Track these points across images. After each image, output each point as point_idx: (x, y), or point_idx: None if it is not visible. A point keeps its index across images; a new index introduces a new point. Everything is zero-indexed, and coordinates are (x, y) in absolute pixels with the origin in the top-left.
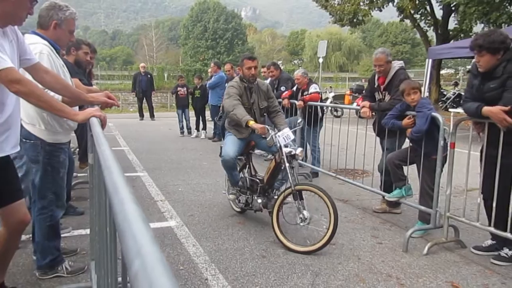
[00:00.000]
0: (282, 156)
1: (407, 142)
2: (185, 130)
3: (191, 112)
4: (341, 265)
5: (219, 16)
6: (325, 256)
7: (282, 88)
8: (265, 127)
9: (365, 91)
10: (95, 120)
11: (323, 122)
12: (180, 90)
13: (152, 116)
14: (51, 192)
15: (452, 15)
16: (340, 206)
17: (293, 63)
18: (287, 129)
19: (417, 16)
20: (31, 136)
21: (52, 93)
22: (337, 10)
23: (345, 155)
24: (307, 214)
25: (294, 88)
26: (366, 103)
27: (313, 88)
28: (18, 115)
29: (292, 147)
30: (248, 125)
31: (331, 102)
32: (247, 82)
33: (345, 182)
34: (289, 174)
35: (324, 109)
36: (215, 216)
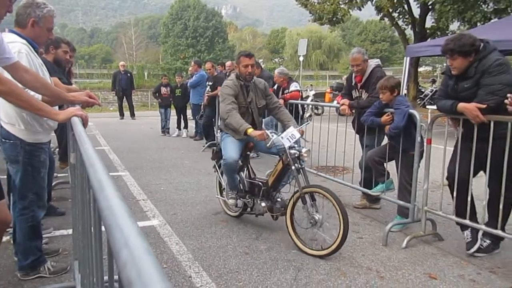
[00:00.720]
0: (289, 159)
1: (387, 139)
2: (166, 129)
3: (172, 111)
4: (323, 260)
5: (199, 14)
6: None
7: None
8: (264, 133)
9: (344, 89)
10: (77, 120)
11: (304, 120)
12: (164, 90)
13: (133, 115)
14: (32, 193)
15: (429, 14)
16: (321, 203)
17: (274, 62)
18: (292, 128)
19: (395, 15)
20: (11, 136)
21: (32, 92)
22: (317, 9)
23: (326, 153)
24: (318, 217)
25: (275, 87)
26: (346, 101)
27: (294, 86)
28: None
29: (297, 148)
30: (247, 134)
31: (312, 100)
32: (244, 81)
33: (326, 179)
34: (296, 177)
35: (305, 107)
36: (198, 215)
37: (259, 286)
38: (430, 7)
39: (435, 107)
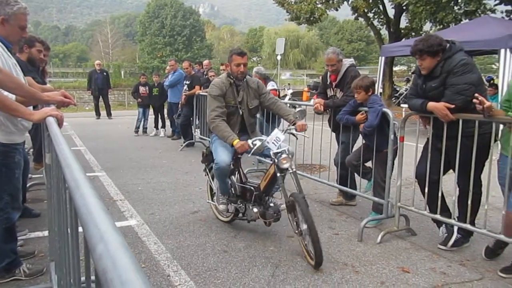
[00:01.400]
0: (274, 166)
1: (362, 138)
2: (141, 130)
3: (150, 110)
4: (300, 257)
5: (177, 13)
6: (284, 249)
7: None
8: (245, 144)
9: (319, 88)
10: (52, 120)
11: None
12: (142, 89)
13: (109, 115)
14: (7, 194)
15: (404, 14)
16: None
17: (252, 60)
18: (276, 130)
19: (371, 15)
20: None
21: (6, 93)
22: (294, 9)
23: (303, 151)
24: (304, 227)
25: None
26: (320, 100)
27: (271, 86)
28: None
29: (284, 149)
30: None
31: (290, 99)
32: (235, 79)
33: (304, 177)
34: (281, 186)
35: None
36: (176, 214)
37: (237, 283)
38: (404, 8)
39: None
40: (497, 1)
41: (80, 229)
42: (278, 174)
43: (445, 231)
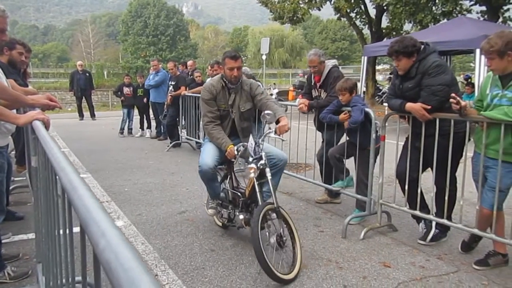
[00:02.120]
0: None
1: (345, 136)
2: (126, 131)
3: (134, 111)
4: (285, 254)
5: (160, 12)
6: None
7: None
8: (232, 151)
9: (304, 89)
10: (39, 123)
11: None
12: (126, 90)
13: (93, 116)
14: None
15: (385, 14)
16: (285, 199)
17: None
18: (250, 138)
19: (353, 15)
20: None
21: None
22: (277, 8)
23: (289, 150)
24: (271, 240)
25: None
26: (305, 101)
27: None
28: None
29: (260, 155)
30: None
31: (275, 99)
32: (229, 83)
33: (289, 176)
34: (257, 192)
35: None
36: (164, 214)
37: (225, 281)
38: (385, 8)
39: None
40: (473, 2)
41: (74, 230)
42: (256, 182)
43: (424, 227)
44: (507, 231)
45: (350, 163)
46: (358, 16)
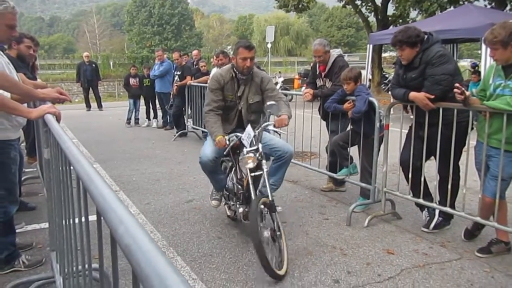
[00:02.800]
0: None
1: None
2: (133, 121)
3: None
4: (291, 241)
5: (164, 1)
6: None
7: None
8: (223, 140)
9: (309, 78)
10: (51, 117)
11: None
12: (133, 81)
13: (100, 107)
14: (4, 189)
15: (391, 2)
16: (290, 187)
17: None
18: (248, 128)
19: (358, 2)
20: None
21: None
22: None
23: (294, 139)
24: (266, 235)
25: None
26: (310, 90)
27: None
28: None
29: (256, 147)
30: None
31: (281, 87)
32: (240, 73)
33: (295, 164)
34: (250, 185)
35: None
36: (171, 203)
37: (232, 267)
38: None
39: None
40: None
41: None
42: (249, 174)
43: (427, 215)
44: (510, 220)
45: (354, 153)
46: (364, 4)
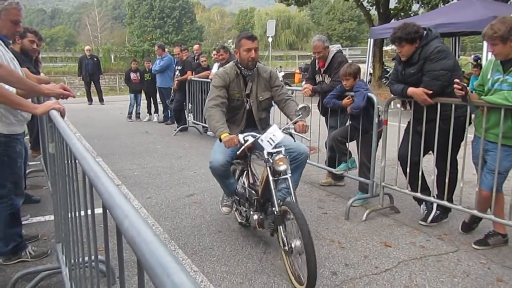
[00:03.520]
0: (267, 169)
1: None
2: (134, 115)
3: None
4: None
5: None
6: None
7: None
8: (235, 138)
9: (308, 74)
10: (55, 113)
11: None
12: (133, 75)
13: (101, 100)
14: (10, 182)
15: None
16: None
17: None
18: (274, 127)
19: None
20: None
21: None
22: None
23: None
24: (296, 244)
25: None
26: (309, 86)
27: None
28: None
29: (280, 149)
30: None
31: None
32: (245, 68)
33: None
34: (273, 191)
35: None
36: (172, 197)
37: (232, 260)
38: None
39: None
40: None
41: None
42: (271, 178)
43: (425, 208)
44: (507, 212)
45: (353, 148)
46: None
